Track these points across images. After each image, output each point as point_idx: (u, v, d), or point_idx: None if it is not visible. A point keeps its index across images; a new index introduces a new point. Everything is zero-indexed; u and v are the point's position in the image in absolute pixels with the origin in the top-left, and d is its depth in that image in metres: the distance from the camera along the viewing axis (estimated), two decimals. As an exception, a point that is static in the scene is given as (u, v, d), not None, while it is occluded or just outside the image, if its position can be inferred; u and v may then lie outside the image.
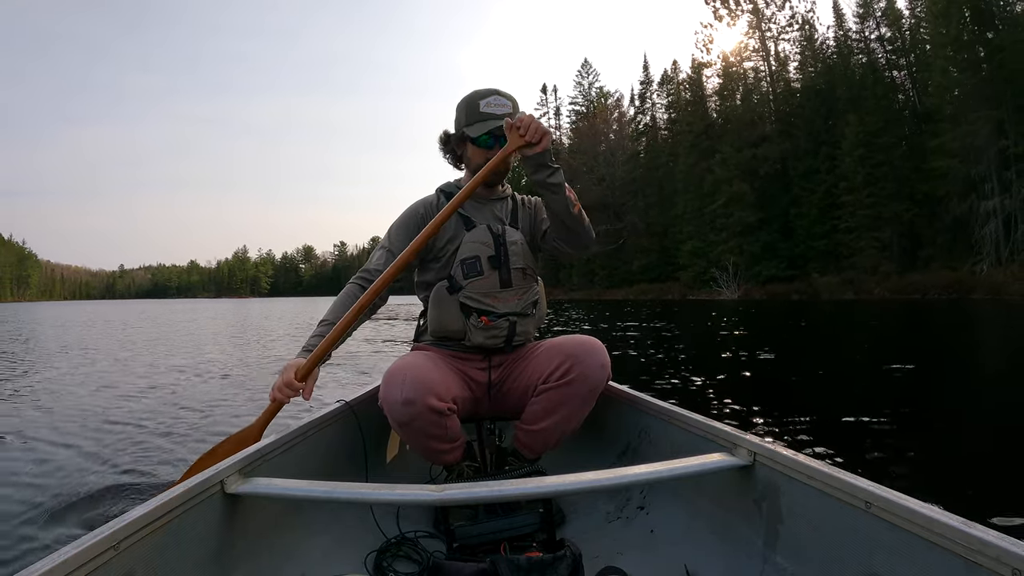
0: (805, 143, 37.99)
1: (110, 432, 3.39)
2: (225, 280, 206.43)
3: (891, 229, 32.28)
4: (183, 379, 5.68)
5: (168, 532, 0.98)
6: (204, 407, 4.16)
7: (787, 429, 3.24)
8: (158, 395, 4.74)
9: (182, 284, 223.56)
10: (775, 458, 1.16)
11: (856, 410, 3.60)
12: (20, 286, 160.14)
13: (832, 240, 35.02)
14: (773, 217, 38.41)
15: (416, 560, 1.39)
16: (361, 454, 1.65)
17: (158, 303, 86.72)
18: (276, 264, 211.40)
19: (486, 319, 1.62)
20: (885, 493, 0.91)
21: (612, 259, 49.75)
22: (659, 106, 55.17)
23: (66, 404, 4.42)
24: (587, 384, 1.51)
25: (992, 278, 25.79)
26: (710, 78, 47.00)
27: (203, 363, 7.11)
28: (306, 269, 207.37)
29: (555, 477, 1.21)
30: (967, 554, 0.77)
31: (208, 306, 50.51)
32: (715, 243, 39.91)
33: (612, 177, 52.35)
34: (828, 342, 9.01)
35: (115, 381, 5.59)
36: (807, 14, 42.71)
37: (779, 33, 43.76)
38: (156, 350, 9.10)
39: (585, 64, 65.52)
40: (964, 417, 3.69)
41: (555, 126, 66.50)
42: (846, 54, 39.60)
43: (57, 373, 6.35)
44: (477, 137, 1.64)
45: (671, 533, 1.44)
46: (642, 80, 56.64)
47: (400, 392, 1.38)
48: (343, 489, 1.15)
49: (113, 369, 6.64)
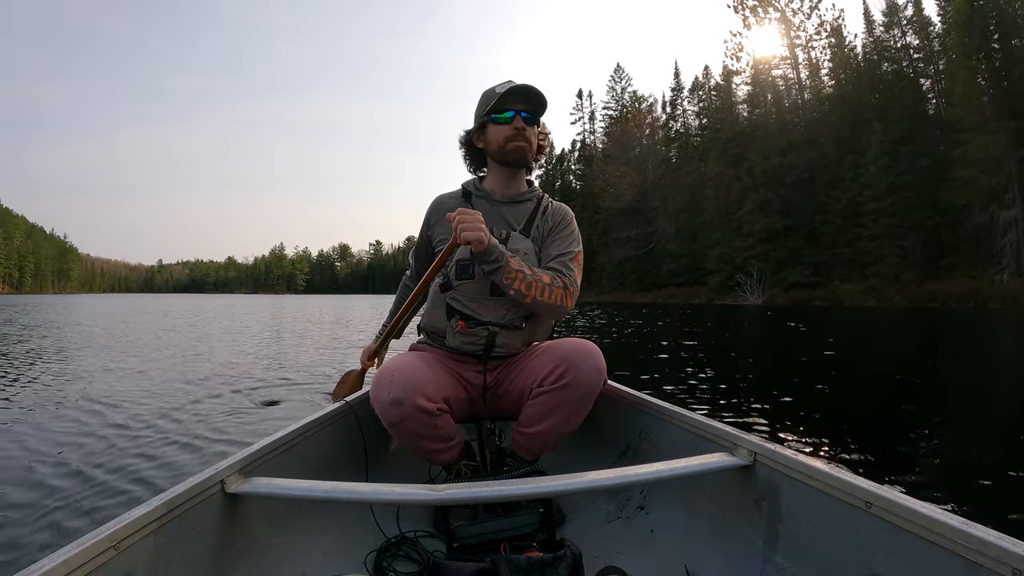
0: (831, 151, 38.68)
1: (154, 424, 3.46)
2: (262, 276, 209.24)
3: (914, 237, 32.94)
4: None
5: (168, 532, 0.98)
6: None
7: (794, 429, 3.34)
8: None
9: (219, 279, 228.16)
10: (775, 458, 1.16)
11: (867, 416, 3.76)
12: (61, 279, 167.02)
13: (856, 248, 35.69)
14: (799, 224, 39.24)
15: (416, 560, 1.39)
16: (361, 454, 1.65)
17: (196, 297, 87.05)
18: (312, 262, 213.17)
19: (463, 324, 1.61)
20: (885, 493, 0.91)
21: (642, 263, 51.43)
22: (690, 113, 56.40)
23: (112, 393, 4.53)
24: (582, 388, 1.48)
25: (1010, 288, 26.50)
26: (739, 86, 48.13)
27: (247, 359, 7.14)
28: (342, 267, 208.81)
29: (555, 477, 1.22)
30: (967, 554, 0.77)
31: (247, 301, 51.46)
32: (741, 249, 40.98)
33: (643, 182, 53.60)
34: (846, 350, 8.85)
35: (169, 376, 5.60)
36: (835, 22, 43.47)
37: (808, 41, 44.61)
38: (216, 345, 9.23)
39: (618, 69, 66.49)
40: (969, 422, 3.76)
41: (590, 130, 68.51)
42: (873, 63, 40.19)
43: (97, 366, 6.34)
44: (499, 111, 1.63)
45: (671, 533, 1.43)
46: (673, 87, 58.06)
47: (388, 393, 1.38)
48: (343, 489, 1.15)
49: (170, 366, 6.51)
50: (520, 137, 1.63)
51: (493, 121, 1.65)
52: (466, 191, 1.75)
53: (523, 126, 1.63)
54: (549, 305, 1.55)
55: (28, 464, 2.70)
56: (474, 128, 1.72)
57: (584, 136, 69.28)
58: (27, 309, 25.11)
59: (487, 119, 1.66)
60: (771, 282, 38.23)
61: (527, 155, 1.67)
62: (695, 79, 55.85)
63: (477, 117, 1.70)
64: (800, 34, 45.15)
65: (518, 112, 1.62)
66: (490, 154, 1.70)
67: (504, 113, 1.63)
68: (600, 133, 67.11)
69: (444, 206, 1.73)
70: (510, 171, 1.71)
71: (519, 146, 1.64)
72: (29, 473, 2.57)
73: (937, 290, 29.28)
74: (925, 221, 32.87)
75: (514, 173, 1.72)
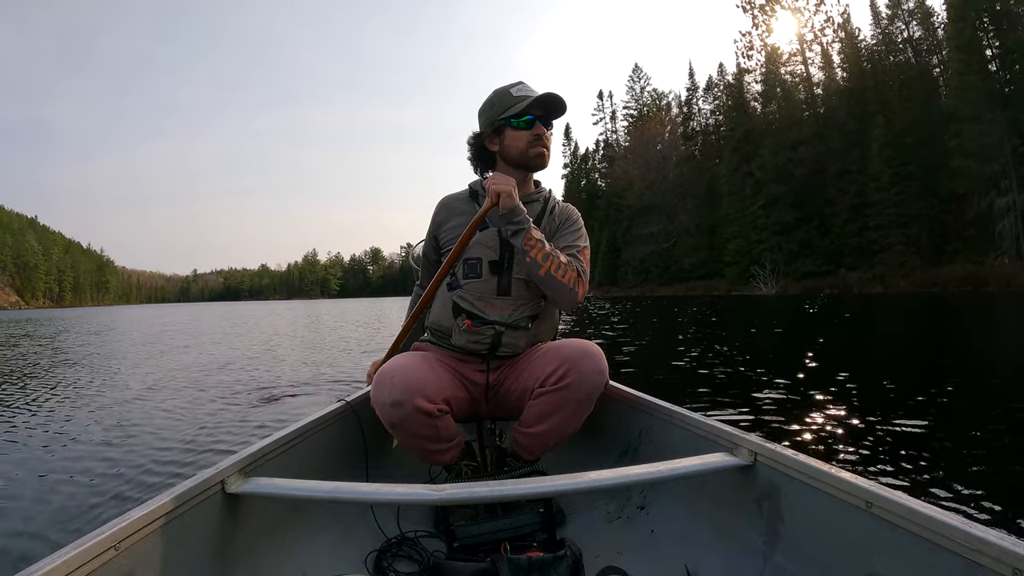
0: (838, 144, 39.89)
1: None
2: (296, 282, 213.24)
3: (918, 226, 34.26)
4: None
5: (168, 532, 0.98)
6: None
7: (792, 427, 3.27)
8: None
9: (253, 287, 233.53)
10: (776, 458, 1.16)
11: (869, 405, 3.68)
12: (100, 291, 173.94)
13: (864, 237, 36.87)
14: (810, 215, 40.62)
15: (416, 560, 1.38)
16: (361, 454, 1.65)
17: (232, 305, 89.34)
18: (344, 266, 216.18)
19: (469, 322, 1.59)
20: (885, 493, 0.91)
21: (664, 257, 53.43)
22: (705, 111, 58.06)
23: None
24: (583, 389, 1.47)
25: (1004, 271, 28.08)
26: (750, 85, 49.43)
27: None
28: (374, 270, 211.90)
29: (555, 477, 1.22)
30: (967, 554, 0.77)
31: (283, 307, 52.68)
32: (756, 242, 42.68)
33: (663, 180, 55.33)
34: (847, 337, 9.21)
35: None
36: (841, 16, 44.78)
37: (815, 37, 45.96)
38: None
39: (636, 69, 68.18)
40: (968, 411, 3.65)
41: (612, 130, 70.33)
42: (877, 56, 41.51)
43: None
44: (519, 116, 1.59)
45: (671, 533, 1.42)
46: (688, 87, 59.75)
47: (388, 394, 1.38)
48: (344, 489, 1.15)
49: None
50: (540, 143, 1.62)
51: (512, 126, 1.61)
52: (473, 191, 1.72)
53: (543, 132, 1.62)
54: (561, 285, 1.54)
55: (29, 464, 2.70)
56: (487, 131, 1.68)
57: (607, 135, 71.10)
58: (78, 322, 26.41)
59: (504, 123, 1.62)
60: (784, 272, 39.64)
61: (547, 160, 1.65)
62: (709, 78, 57.55)
63: (490, 119, 1.65)
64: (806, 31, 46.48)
65: (537, 117, 1.60)
66: (508, 159, 1.66)
67: (524, 117, 1.59)
68: (622, 132, 68.86)
69: (451, 206, 1.72)
70: (522, 173, 1.68)
71: (540, 152, 1.62)
72: (31, 473, 2.56)
73: (939, 275, 30.76)
74: (928, 210, 34.17)
75: (526, 175, 1.69)
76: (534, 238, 1.52)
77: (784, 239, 41.02)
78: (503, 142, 1.66)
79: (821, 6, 45.80)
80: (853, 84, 41.87)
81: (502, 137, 1.66)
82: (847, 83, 42.70)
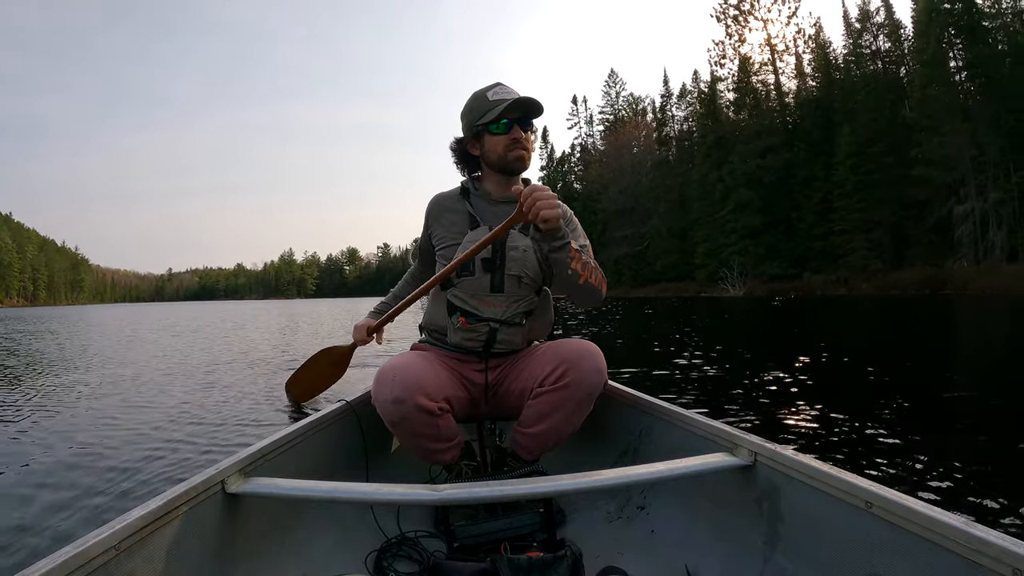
0: (805, 152, 41.18)
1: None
2: (272, 282, 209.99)
3: (881, 231, 35.43)
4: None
5: (168, 532, 0.98)
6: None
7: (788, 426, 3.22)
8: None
9: (229, 286, 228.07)
10: (776, 458, 1.16)
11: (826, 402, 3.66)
12: (74, 290, 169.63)
13: (829, 241, 38.16)
14: (777, 220, 41.67)
15: (417, 560, 1.38)
16: (361, 454, 1.65)
17: (207, 305, 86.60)
18: (321, 266, 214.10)
19: (464, 320, 1.60)
20: (885, 493, 0.90)
21: (638, 260, 54.12)
22: (679, 117, 59.00)
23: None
24: (582, 389, 1.47)
25: (961, 275, 29.10)
26: (723, 93, 50.29)
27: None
28: (350, 271, 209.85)
29: (555, 477, 1.21)
30: (967, 554, 0.77)
31: (260, 307, 51.36)
32: (725, 245, 43.51)
33: (638, 184, 56.04)
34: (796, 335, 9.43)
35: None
36: (811, 28, 46.07)
37: (785, 48, 47.18)
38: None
39: (612, 74, 69.25)
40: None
41: (587, 133, 70.78)
42: (844, 66, 42.70)
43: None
44: (496, 122, 1.57)
45: (671, 533, 1.42)
46: (663, 94, 60.58)
47: (390, 391, 1.38)
48: (344, 489, 1.15)
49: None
50: (519, 146, 1.60)
51: (489, 131, 1.60)
52: (464, 189, 1.71)
53: (521, 135, 1.59)
54: (595, 290, 1.55)
55: (30, 464, 2.69)
56: (467, 136, 1.67)
57: (582, 139, 71.64)
58: (54, 320, 25.57)
59: (482, 128, 1.61)
60: (752, 274, 40.56)
61: (527, 162, 1.64)
62: (683, 86, 58.70)
63: (469, 123, 1.64)
64: (777, 42, 47.72)
65: (515, 120, 1.58)
66: (489, 163, 1.65)
67: (500, 122, 1.57)
68: (598, 136, 69.44)
69: (443, 205, 1.72)
70: (505, 177, 1.66)
71: (519, 155, 1.61)
72: (30, 473, 2.56)
73: (900, 278, 31.76)
74: (890, 216, 35.29)
75: (508, 178, 1.67)
76: (574, 248, 1.49)
77: (752, 243, 41.84)
78: (483, 147, 1.66)
79: (793, 19, 47.06)
80: (821, 95, 43.10)
81: (482, 142, 1.66)
82: (816, 93, 43.93)
